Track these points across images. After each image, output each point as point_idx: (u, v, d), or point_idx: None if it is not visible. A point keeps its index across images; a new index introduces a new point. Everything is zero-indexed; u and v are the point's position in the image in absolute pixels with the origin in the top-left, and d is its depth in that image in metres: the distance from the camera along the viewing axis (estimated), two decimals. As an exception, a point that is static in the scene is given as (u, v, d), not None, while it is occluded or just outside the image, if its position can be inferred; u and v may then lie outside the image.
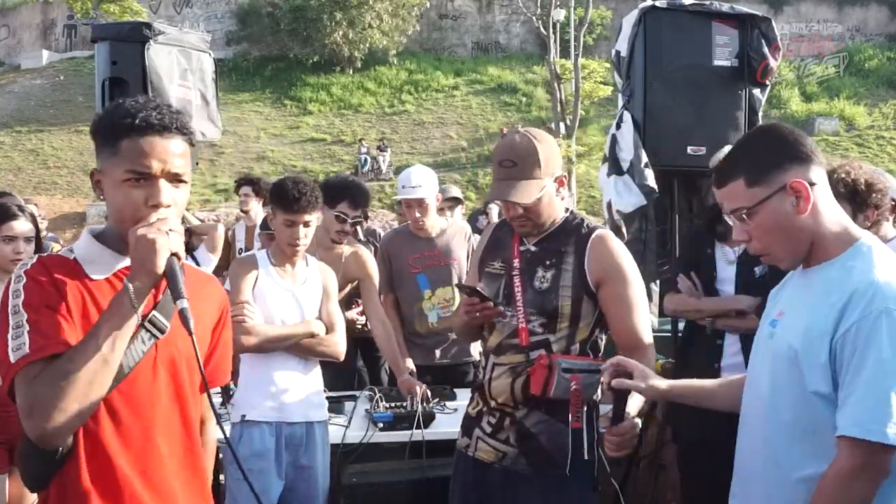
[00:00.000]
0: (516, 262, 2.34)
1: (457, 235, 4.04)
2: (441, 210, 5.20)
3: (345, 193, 3.38)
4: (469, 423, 2.42)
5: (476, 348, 4.04)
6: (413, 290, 3.90)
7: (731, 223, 1.69)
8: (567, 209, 2.38)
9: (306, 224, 2.82)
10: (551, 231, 2.33)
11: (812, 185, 1.58)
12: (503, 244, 2.42)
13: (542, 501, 2.23)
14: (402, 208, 4.08)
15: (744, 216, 1.61)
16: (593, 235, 2.27)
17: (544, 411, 2.23)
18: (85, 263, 1.51)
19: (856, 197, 2.47)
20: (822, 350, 1.52)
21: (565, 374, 2.12)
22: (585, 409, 2.17)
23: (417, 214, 3.86)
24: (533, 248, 2.34)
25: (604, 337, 2.35)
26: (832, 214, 1.63)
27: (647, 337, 2.28)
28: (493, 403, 2.33)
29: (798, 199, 1.57)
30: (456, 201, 5.34)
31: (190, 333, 1.39)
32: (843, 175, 2.48)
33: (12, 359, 1.36)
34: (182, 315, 1.40)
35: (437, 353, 3.87)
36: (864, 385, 1.44)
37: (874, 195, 2.49)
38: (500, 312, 2.28)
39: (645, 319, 2.32)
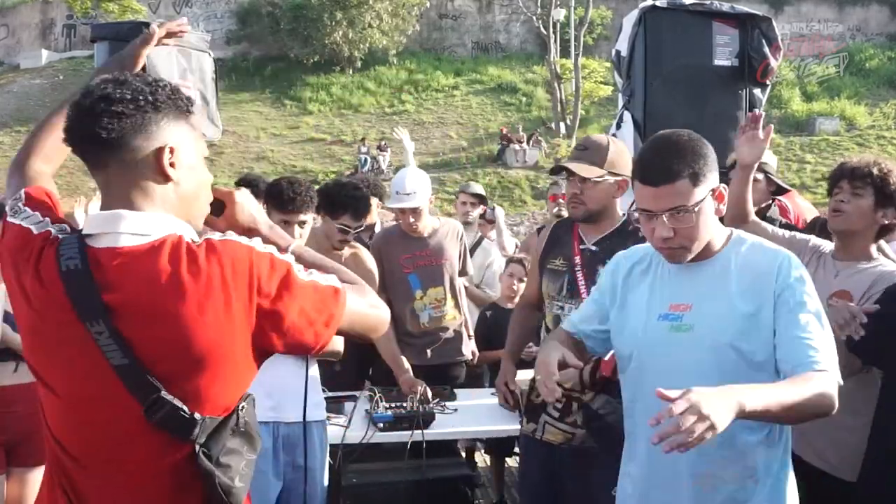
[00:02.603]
0: (577, 259, 2.61)
1: (449, 235, 4.01)
2: (464, 204, 5.18)
3: (347, 207, 3.34)
4: (534, 410, 2.63)
5: (467, 347, 4.04)
6: (405, 290, 3.88)
7: (645, 221, 1.81)
8: (623, 214, 2.64)
9: (301, 224, 2.82)
10: (609, 233, 2.61)
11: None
12: (563, 242, 2.69)
13: (614, 475, 2.42)
14: (396, 212, 4.06)
15: (693, 212, 1.73)
16: None
17: (610, 394, 2.47)
18: None
19: (883, 189, 2.42)
20: (767, 320, 1.72)
21: None
22: None
23: (412, 220, 3.84)
24: (593, 248, 2.61)
25: None
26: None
27: None
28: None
29: (718, 203, 1.79)
30: (479, 199, 5.24)
31: None
32: (880, 163, 2.45)
33: (339, 285, 1.39)
34: None
35: (429, 352, 3.86)
36: (816, 335, 1.69)
37: None
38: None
39: None
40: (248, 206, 1.53)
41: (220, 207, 1.52)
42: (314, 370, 2.86)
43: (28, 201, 1.43)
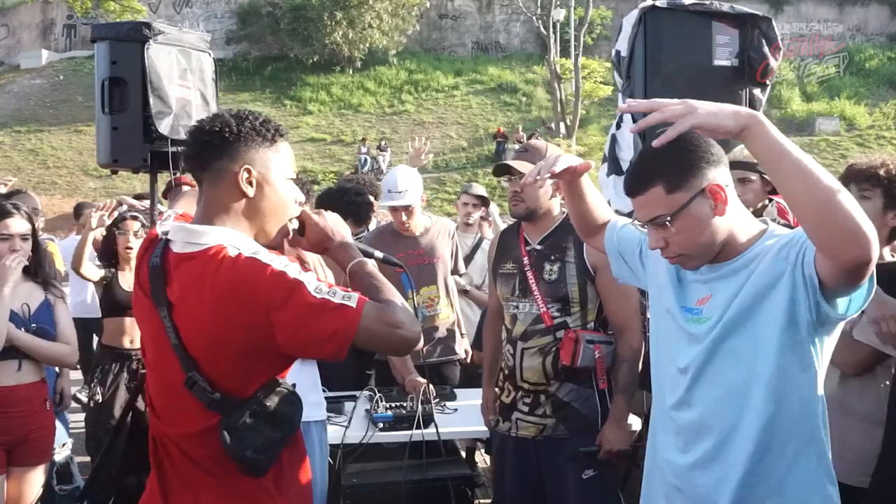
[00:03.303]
0: (525, 260, 2.75)
1: (441, 234, 4.00)
2: (465, 205, 5.17)
3: (347, 212, 3.33)
4: (506, 410, 2.78)
5: (461, 346, 4.04)
6: (397, 289, 3.85)
7: (640, 229, 1.72)
8: (563, 212, 2.75)
9: None
10: (552, 231, 2.76)
11: (725, 186, 1.62)
12: (511, 247, 2.85)
13: (585, 460, 2.59)
14: (388, 210, 4.06)
15: (666, 222, 1.62)
16: None
17: (573, 382, 2.64)
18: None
19: (893, 190, 2.32)
20: (780, 294, 1.57)
21: (589, 344, 2.59)
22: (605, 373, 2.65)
23: (404, 218, 3.84)
24: (538, 247, 2.75)
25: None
26: (739, 213, 1.68)
27: (635, 320, 2.66)
28: (525, 386, 2.70)
29: (716, 202, 1.61)
30: (481, 200, 5.21)
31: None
32: (888, 163, 2.35)
33: (350, 302, 1.53)
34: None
35: (422, 352, 3.85)
36: None
37: None
38: None
39: (633, 304, 2.69)
40: (322, 225, 1.76)
41: (304, 227, 1.76)
42: (314, 370, 2.87)
43: (178, 217, 1.85)
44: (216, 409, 1.55)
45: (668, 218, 1.61)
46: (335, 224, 1.77)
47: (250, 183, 1.62)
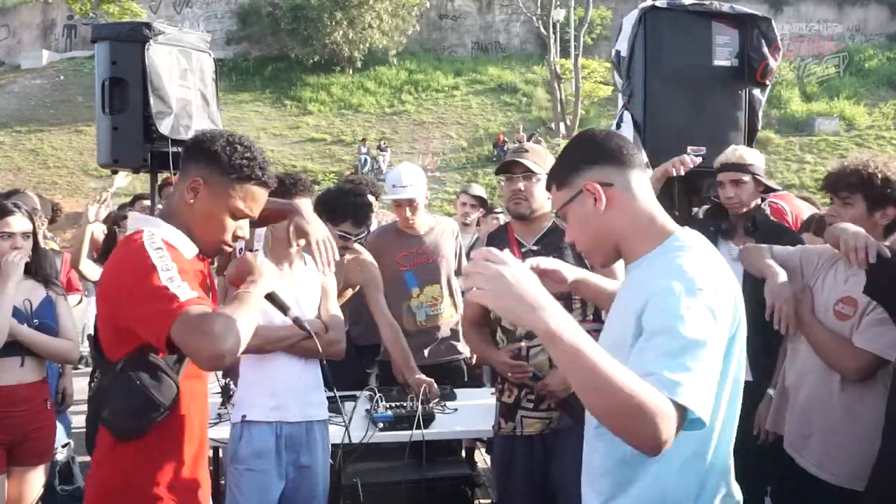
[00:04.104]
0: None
1: (445, 233, 4.02)
2: (464, 205, 5.18)
3: (347, 214, 3.31)
4: (508, 410, 2.80)
5: (465, 346, 4.03)
6: (401, 288, 3.86)
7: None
8: (554, 214, 2.73)
9: None
10: (546, 231, 2.81)
11: (607, 185, 1.59)
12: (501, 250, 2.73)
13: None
14: (392, 207, 4.06)
15: (559, 216, 1.71)
16: None
17: None
18: (177, 244, 1.84)
19: (871, 192, 2.34)
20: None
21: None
22: None
23: (408, 213, 3.84)
24: (534, 248, 2.77)
25: None
26: (640, 211, 1.62)
27: None
28: (530, 382, 2.71)
29: (595, 201, 1.60)
30: (480, 201, 5.20)
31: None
32: (859, 167, 2.37)
33: (182, 297, 1.63)
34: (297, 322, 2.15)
35: (426, 352, 3.83)
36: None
37: (891, 191, 2.34)
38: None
39: None
40: (242, 265, 1.96)
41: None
42: (316, 370, 2.87)
43: None
44: (99, 369, 1.85)
45: (555, 214, 1.71)
46: (258, 271, 1.92)
47: (195, 191, 1.83)
